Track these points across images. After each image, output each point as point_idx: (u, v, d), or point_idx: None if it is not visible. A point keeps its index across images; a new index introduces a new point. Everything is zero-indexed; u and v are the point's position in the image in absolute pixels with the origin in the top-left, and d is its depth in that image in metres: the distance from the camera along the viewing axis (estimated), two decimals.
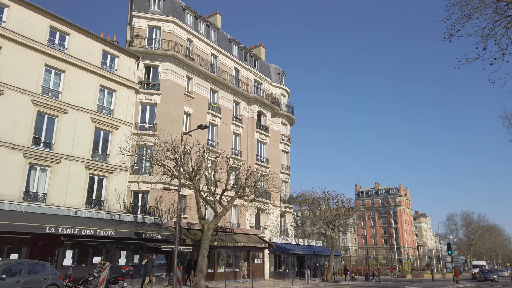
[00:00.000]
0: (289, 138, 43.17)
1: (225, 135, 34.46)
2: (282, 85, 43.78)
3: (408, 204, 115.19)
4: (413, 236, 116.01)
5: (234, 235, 30.96)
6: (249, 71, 38.98)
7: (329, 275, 35.75)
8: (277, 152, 40.95)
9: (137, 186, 26.87)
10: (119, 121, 25.24)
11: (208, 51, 34.43)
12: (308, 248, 40.32)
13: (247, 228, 33.40)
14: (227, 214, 32.51)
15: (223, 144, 33.81)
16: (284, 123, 42.90)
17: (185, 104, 30.94)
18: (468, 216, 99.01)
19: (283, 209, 39.70)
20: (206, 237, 23.49)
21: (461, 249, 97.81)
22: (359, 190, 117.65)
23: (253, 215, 35.68)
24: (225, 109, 34.99)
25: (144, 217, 25.37)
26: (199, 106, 32.19)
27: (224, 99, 35.13)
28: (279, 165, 40.77)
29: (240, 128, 36.36)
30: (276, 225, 38.70)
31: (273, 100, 41.33)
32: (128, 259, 23.00)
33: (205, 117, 32.67)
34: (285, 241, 38.03)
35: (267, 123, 40.11)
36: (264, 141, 39.05)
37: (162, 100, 29.14)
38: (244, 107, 37.60)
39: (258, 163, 37.33)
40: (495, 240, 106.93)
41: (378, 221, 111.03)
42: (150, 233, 22.94)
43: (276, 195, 38.65)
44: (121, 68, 26.51)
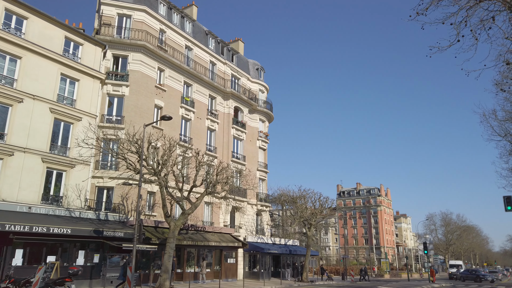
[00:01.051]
0: (267, 135, 42.24)
1: (199, 130, 33.27)
2: (261, 81, 42.82)
3: (388, 204, 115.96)
4: (393, 236, 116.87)
5: (206, 234, 29.81)
6: (226, 65, 37.86)
7: (305, 275, 34.95)
8: (254, 149, 39.96)
9: (102, 182, 25.50)
10: (82, 112, 23.79)
11: (182, 43, 33.17)
12: (284, 247, 39.44)
13: (220, 227, 32.29)
14: (199, 212, 31.45)
15: (197, 140, 32.62)
16: (262, 119, 41.93)
17: (156, 97, 29.63)
18: (447, 216, 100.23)
19: (259, 208, 38.73)
20: (173, 236, 22.32)
21: (439, 249, 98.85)
22: (341, 190, 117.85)
23: (228, 214, 34.60)
24: (199, 103, 33.79)
25: (108, 214, 23.99)
26: (171, 99, 30.92)
27: (199, 93, 33.93)
28: (256, 162, 39.78)
29: (215, 123, 35.21)
30: (251, 224, 37.71)
31: (251, 96, 40.33)
32: (87, 258, 21.61)
33: (178, 111, 31.42)
34: (260, 240, 37.05)
35: (244, 119, 39.07)
36: (241, 137, 38.01)
37: (130, 92, 27.78)
38: (220, 102, 36.47)
39: (234, 160, 36.26)
40: (473, 241, 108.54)
41: (359, 221, 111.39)
42: (112, 231, 21.62)
43: (252, 193, 37.67)
44: (86, 56, 25.04)
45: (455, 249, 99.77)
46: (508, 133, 29.49)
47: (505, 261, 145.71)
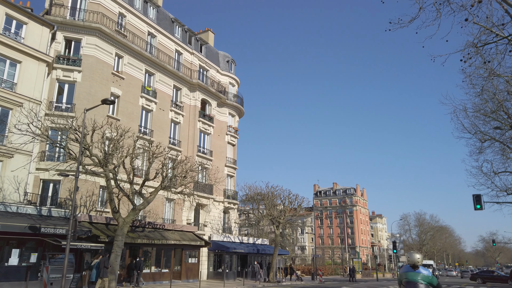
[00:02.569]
0: (236, 130, 40.67)
1: (162, 122, 31.39)
2: (231, 74, 41.22)
3: (364, 204, 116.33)
4: (369, 236, 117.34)
5: (165, 232, 27.98)
6: (194, 55, 36.08)
7: (271, 275, 33.55)
8: (223, 144, 38.32)
9: (48, 175, 23.34)
10: (23, 97, 21.61)
11: (144, 29, 31.21)
12: (252, 246, 37.97)
13: (182, 225, 30.49)
14: (159, 209, 29.63)
15: (159, 132, 30.75)
16: (231, 114, 40.33)
17: (113, 84, 27.62)
18: (420, 216, 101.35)
19: (226, 205, 37.12)
20: (121, 233, 20.42)
21: (413, 248, 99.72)
22: (318, 189, 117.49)
23: (191, 211, 32.84)
24: (162, 94, 31.90)
25: (52, 209, 21.87)
26: (130, 88, 28.94)
27: (162, 83, 32.04)
28: (224, 158, 38.15)
29: (180, 116, 33.39)
30: (218, 222, 36.06)
31: (220, 89, 38.67)
32: (22, 258, 19.48)
33: (138, 101, 29.48)
34: (227, 239, 35.45)
35: (212, 112, 37.38)
36: (208, 131, 36.30)
37: (83, 78, 25.69)
38: (186, 93, 34.66)
39: (200, 154, 34.52)
40: (446, 241, 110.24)
41: (335, 220, 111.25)
42: (52, 228, 19.52)
43: (219, 190, 36.04)
44: (30, 37, 22.84)
45: (428, 249, 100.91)
46: (478, 130, 28.88)
47: (477, 261, 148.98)
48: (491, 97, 21.92)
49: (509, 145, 29.25)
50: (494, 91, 20.52)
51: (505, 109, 19.20)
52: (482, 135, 28.65)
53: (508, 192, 30.83)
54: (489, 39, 12.61)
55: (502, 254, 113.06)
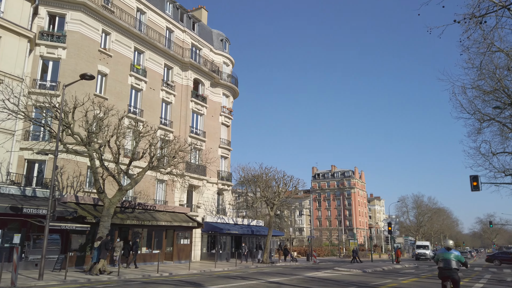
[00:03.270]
0: (230, 111, 39.88)
1: (152, 102, 30.59)
2: (225, 53, 40.13)
3: (362, 187, 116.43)
4: (366, 218, 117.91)
5: (156, 213, 27.55)
6: (186, 33, 34.95)
7: (265, 256, 33.35)
8: (216, 125, 37.60)
9: (33, 155, 22.71)
10: (3, 74, 20.77)
11: (133, 4, 30.05)
12: (246, 227, 37.73)
13: (174, 206, 30.07)
14: (150, 190, 29.17)
15: (149, 112, 29.99)
16: (226, 94, 39.44)
17: (100, 62, 26.71)
18: (418, 198, 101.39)
19: (220, 187, 36.66)
20: (107, 214, 20.01)
21: (410, 230, 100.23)
22: (316, 172, 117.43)
23: (184, 192, 32.38)
24: (153, 73, 30.99)
25: (36, 190, 21.37)
26: (118, 66, 28.03)
27: (152, 61, 31.08)
28: (218, 139, 37.49)
29: (171, 95, 32.56)
30: (212, 203, 35.67)
31: (213, 68, 37.67)
32: (4, 239, 19.05)
33: (127, 80, 28.61)
34: (221, 221, 35.13)
35: (205, 92, 36.50)
36: (201, 112, 35.51)
37: (68, 55, 24.78)
38: (178, 73, 33.72)
39: (193, 135, 33.84)
40: (443, 223, 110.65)
41: (333, 203, 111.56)
42: (34, 208, 19.01)
43: (212, 171, 35.52)
44: (10, 11, 21.82)
45: (425, 231, 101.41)
46: (477, 110, 28.08)
47: (474, 242, 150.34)
48: (490, 75, 21.09)
49: (508, 124, 28.58)
50: (494, 68, 19.65)
51: (504, 87, 18.37)
52: (481, 115, 27.93)
53: (506, 173, 30.28)
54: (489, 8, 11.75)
55: (499, 236, 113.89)
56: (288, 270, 22.98)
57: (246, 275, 18.46)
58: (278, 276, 17.93)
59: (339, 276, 19.41)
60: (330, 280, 16.80)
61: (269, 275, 18.61)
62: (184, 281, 15.05)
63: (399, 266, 30.10)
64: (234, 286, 13.52)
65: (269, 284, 14.49)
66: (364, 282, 16.12)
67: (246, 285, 13.89)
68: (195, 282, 14.44)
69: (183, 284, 13.79)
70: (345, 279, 17.60)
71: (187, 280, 15.47)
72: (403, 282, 16.86)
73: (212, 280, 15.74)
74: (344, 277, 18.51)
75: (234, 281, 15.23)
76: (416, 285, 15.64)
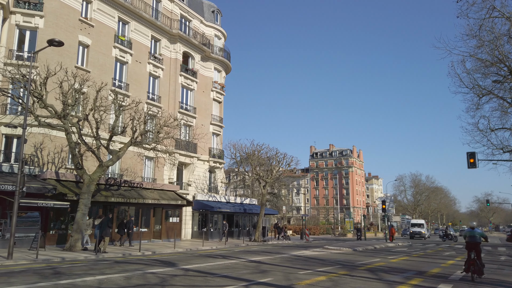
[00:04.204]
0: (223, 86, 38.60)
1: (139, 76, 29.33)
2: (217, 25, 38.49)
3: (360, 166, 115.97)
4: (364, 197, 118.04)
5: (143, 190, 26.79)
6: (174, 3, 33.27)
7: (257, 234, 32.87)
8: (208, 101, 36.41)
9: (11, 130, 21.72)
10: None
11: None
12: (239, 206, 37.15)
13: (162, 184, 29.29)
14: (137, 167, 28.32)
15: (136, 87, 28.79)
16: (217, 69, 38.07)
17: (81, 32, 25.33)
18: (416, 177, 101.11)
19: (212, 164, 35.82)
20: (87, 191, 19.24)
21: (408, 209, 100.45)
22: (314, 151, 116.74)
23: (173, 170, 31.57)
24: (139, 45, 29.60)
25: (13, 166, 20.50)
26: (102, 37, 26.65)
27: (138, 32, 29.63)
28: (210, 115, 36.39)
29: (159, 69, 31.26)
30: (203, 181, 34.92)
31: (204, 41, 36.16)
32: None
33: (111, 52, 27.28)
34: (213, 199, 34.49)
35: (196, 66, 35.14)
36: (191, 87, 34.26)
37: (46, 24, 23.41)
38: (166, 45, 32.30)
39: (182, 111, 32.74)
40: (440, 201, 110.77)
41: (331, 182, 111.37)
42: (10, 185, 18.17)
43: (203, 148, 34.60)
44: None
45: (423, 209, 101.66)
46: (476, 84, 26.90)
47: (471, 221, 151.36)
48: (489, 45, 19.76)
49: (508, 99, 27.48)
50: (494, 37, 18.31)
51: (504, 55, 17.10)
52: (480, 90, 26.86)
53: (505, 150, 29.34)
54: None
55: (496, 214, 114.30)
56: (277, 249, 22.40)
57: (230, 254, 17.81)
58: (263, 255, 17.26)
59: (327, 254, 18.78)
60: (316, 258, 16.12)
61: (254, 254, 17.95)
62: (160, 261, 14.34)
63: (392, 245, 29.61)
64: (209, 265, 12.78)
65: (248, 263, 13.77)
66: (350, 261, 15.43)
67: (223, 264, 13.16)
68: (170, 262, 13.71)
69: (155, 264, 13.06)
70: (332, 257, 16.93)
71: (163, 260, 14.75)
72: (392, 261, 16.19)
73: (189, 259, 15.03)
74: (331, 256, 17.86)
75: (213, 260, 14.52)
76: (405, 264, 14.95)
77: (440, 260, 17.46)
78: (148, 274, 10.45)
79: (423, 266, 14.41)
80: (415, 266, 14.09)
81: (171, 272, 10.87)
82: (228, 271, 11.34)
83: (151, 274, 10.37)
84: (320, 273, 11.22)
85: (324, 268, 12.37)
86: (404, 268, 13.52)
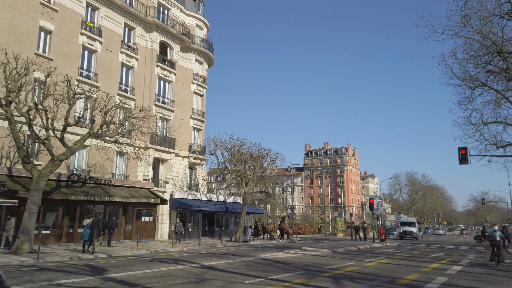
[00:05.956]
0: (205, 79, 36.78)
1: (110, 65, 27.50)
2: (199, 15, 36.68)
3: (355, 164, 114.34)
4: (359, 195, 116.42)
5: (112, 188, 25.00)
6: None
7: (238, 234, 31.11)
8: (188, 94, 34.60)
9: None
10: None
11: None
12: (221, 204, 35.40)
13: (134, 181, 27.50)
14: (107, 163, 26.46)
15: (106, 77, 26.98)
16: (199, 60, 36.26)
17: (43, 17, 23.49)
18: (412, 176, 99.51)
19: (192, 161, 34.02)
20: (36, 188, 17.44)
21: (403, 208, 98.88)
22: (309, 149, 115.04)
23: (149, 166, 29.78)
24: (110, 32, 27.78)
25: None
26: (67, 23, 24.82)
27: (109, 19, 27.81)
28: (190, 109, 34.58)
29: (133, 59, 29.44)
30: (182, 178, 33.13)
31: (184, 31, 34.34)
32: None
33: (77, 39, 25.44)
34: (192, 197, 32.74)
35: (174, 57, 33.33)
36: (169, 78, 32.45)
37: (2, 7, 21.57)
38: (141, 34, 30.48)
39: (159, 104, 30.95)
40: (436, 200, 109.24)
41: (326, 180, 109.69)
42: None
43: (182, 144, 32.83)
44: None
45: (418, 208, 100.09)
46: (468, 76, 25.27)
47: (468, 220, 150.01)
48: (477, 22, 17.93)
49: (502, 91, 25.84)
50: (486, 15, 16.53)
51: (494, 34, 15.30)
52: (472, 81, 25.22)
53: (498, 145, 27.71)
54: None
55: (492, 213, 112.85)
56: (249, 251, 20.61)
57: (188, 257, 15.99)
58: (224, 259, 15.45)
59: (300, 257, 17.03)
60: (282, 262, 14.36)
61: (216, 257, 16.15)
62: (94, 267, 12.50)
63: (378, 245, 27.86)
64: (144, 273, 10.95)
65: (196, 269, 12.00)
66: (320, 265, 13.69)
67: (164, 271, 11.35)
68: (103, 268, 11.86)
69: (83, 271, 11.21)
70: (302, 261, 15.18)
71: (98, 266, 12.86)
72: (368, 264, 14.46)
73: (133, 264, 13.21)
74: (303, 259, 16.11)
75: (159, 266, 12.72)
76: (380, 268, 13.23)
77: (424, 263, 15.76)
78: (52, 286, 8.65)
79: (400, 271, 12.70)
80: (390, 272, 12.37)
81: (85, 283, 9.06)
82: (158, 280, 9.58)
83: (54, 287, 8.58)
84: (270, 282, 9.49)
85: (280, 275, 10.64)
86: (377, 273, 11.81)
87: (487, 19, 13.88)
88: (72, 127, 22.58)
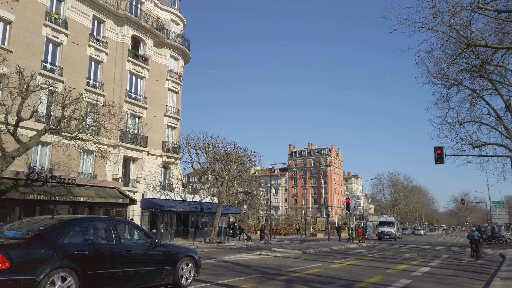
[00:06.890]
0: (180, 75, 35.80)
1: (76, 59, 26.32)
2: (174, 10, 35.70)
3: (339, 165, 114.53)
4: (343, 196, 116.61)
5: (76, 187, 23.82)
6: None
7: (212, 235, 30.25)
8: (162, 91, 33.58)
9: None
10: None
11: None
12: (196, 205, 34.44)
13: (102, 180, 26.35)
14: (72, 161, 25.21)
15: (72, 71, 25.80)
16: (174, 56, 35.27)
17: (2, 7, 22.24)
18: (394, 177, 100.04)
19: (165, 160, 32.99)
20: None
21: (386, 209, 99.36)
22: (293, 150, 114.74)
23: (119, 165, 28.64)
24: (77, 24, 26.60)
25: None
26: (28, 13, 23.58)
27: (77, 11, 26.63)
28: (164, 106, 33.56)
29: (102, 53, 28.30)
30: (155, 177, 32.06)
31: (158, 26, 33.31)
32: None
33: (40, 30, 24.22)
34: (165, 197, 31.71)
35: (148, 53, 32.27)
36: (141, 74, 31.37)
37: None
38: (111, 27, 29.35)
39: (130, 100, 29.87)
40: (418, 201, 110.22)
41: (309, 181, 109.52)
42: None
43: (155, 142, 31.79)
44: None
45: (401, 209, 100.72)
46: (444, 75, 25.04)
47: (450, 220, 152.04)
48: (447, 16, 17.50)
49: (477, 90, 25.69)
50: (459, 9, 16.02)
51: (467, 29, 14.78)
52: (448, 80, 25.00)
53: (474, 145, 27.59)
54: None
55: (473, 214, 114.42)
56: (216, 252, 19.78)
57: None
58: None
59: (265, 259, 16.29)
60: (242, 265, 13.56)
61: None
62: None
63: (353, 246, 27.36)
64: None
65: None
66: (281, 267, 12.96)
67: None
68: None
69: None
70: (264, 263, 14.42)
71: None
72: (332, 266, 13.79)
73: None
74: (267, 261, 15.35)
75: None
76: (344, 270, 12.56)
77: (393, 264, 15.18)
78: None
79: (364, 273, 12.05)
80: (352, 274, 11.71)
81: None
82: None
83: None
84: (214, 287, 8.68)
85: (230, 280, 9.84)
86: (338, 276, 11.13)
87: (455, 10, 13.36)
88: (33, 123, 21.63)
